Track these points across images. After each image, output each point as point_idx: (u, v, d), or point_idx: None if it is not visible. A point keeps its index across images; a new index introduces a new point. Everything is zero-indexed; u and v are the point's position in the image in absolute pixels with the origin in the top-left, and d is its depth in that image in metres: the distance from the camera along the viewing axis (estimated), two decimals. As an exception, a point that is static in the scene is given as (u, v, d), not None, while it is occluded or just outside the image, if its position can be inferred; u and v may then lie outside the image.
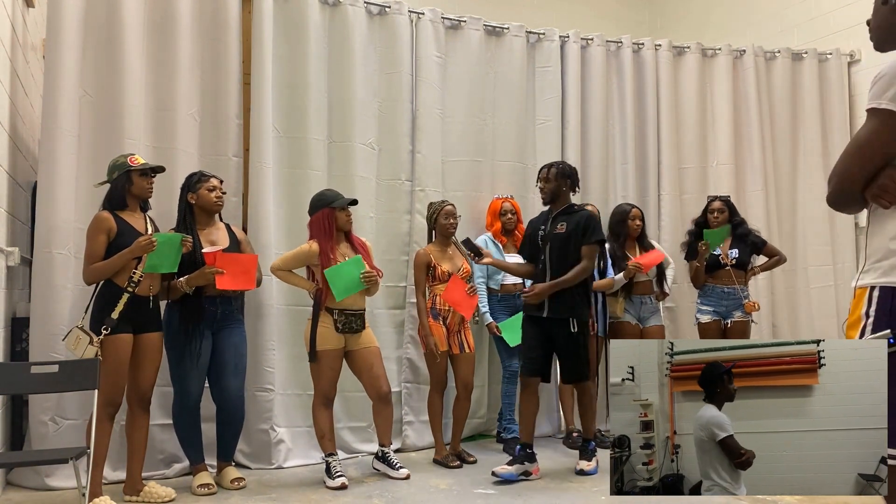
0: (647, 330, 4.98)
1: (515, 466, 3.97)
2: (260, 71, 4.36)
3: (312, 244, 3.93)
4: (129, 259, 3.45)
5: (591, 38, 5.49)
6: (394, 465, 4.03)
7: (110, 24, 4.06)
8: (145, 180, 3.61)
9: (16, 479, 3.82)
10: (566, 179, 4.13)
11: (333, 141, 4.65)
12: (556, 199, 4.17)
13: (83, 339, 3.37)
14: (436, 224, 4.46)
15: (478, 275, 4.70)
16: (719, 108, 5.77)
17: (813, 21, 6.40)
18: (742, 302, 4.87)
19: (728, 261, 4.89)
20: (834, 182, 1.81)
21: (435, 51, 4.97)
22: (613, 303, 4.91)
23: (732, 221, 4.97)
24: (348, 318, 3.95)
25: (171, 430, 3.93)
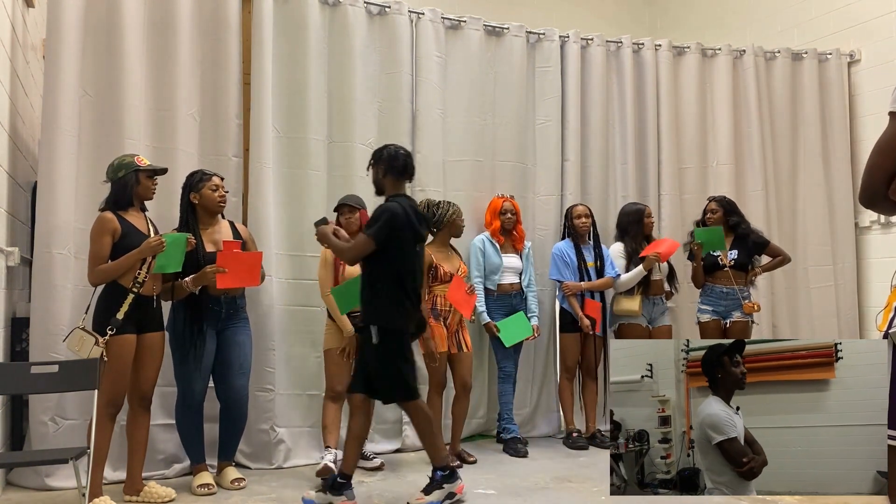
0: (657, 330, 4.98)
1: (435, 493, 3.49)
2: (260, 71, 4.36)
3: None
4: (137, 260, 3.44)
5: (591, 39, 5.49)
6: (367, 457, 4.18)
7: (110, 24, 4.06)
8: (151, 181, 3.61)
9: (16, 479, 3.82)
10: (380, 165, 3.64)
11: (333, 141, 4.65)
12: (381, 189, 3.68)
13: (88, 340, 3.35)
14: (446, 225, 4.45)
15: (475, 275, 4.70)
16: (719, 108, 5.77)
17: (813, 21, 6.40)
18: (741, 303, 4.87)
19: (727, 261, 4.89)
20: (862, 182, 1.88)
21: (435, 51, 4.97)
22: (631, 301, 4.90)
23: (729, 221, 4.97)
24: (352, 319, 4.04)
25: (172, 430, 3.94)
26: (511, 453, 4.58)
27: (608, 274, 4.90)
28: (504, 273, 4.74)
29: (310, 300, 4.42)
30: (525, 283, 4.84)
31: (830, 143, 6.03)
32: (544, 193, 5.26)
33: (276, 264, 4.36)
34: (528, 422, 5.10)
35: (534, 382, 5.15)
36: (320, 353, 4.26)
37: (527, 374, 5.09)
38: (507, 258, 4.77)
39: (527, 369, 5.08)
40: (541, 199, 5.26)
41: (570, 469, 4.24)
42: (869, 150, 1.82)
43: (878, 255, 5.95)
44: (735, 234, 4.97)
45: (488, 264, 4.72)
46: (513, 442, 4.65)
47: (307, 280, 4.41)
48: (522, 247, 4.88)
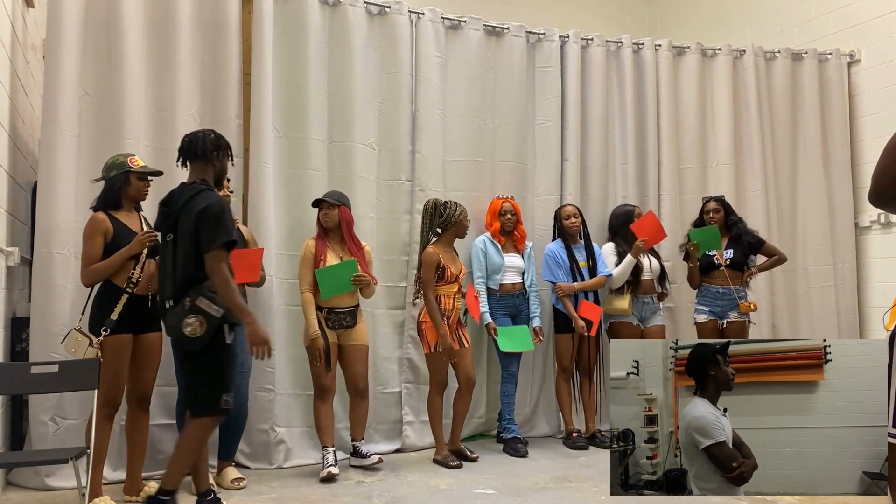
0: (648, 330, 4.99)
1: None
2: (260, 71, 4.35)
3: (308, 241, 4.17)
4: (127, 258, 3.44)
5: (591, 39, 5.48)
6: (366, 455, 4.17)
7: (110, 24, 4.06)
8: (143, 183, 3.60)
9: (16, 479, 3.82)
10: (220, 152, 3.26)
11: (333, 141, 4.64)
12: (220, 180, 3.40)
13: (82, 342, 3.37)
14: (453, 225, 4.45)
15: (477, 275, 4.70)
16: (719, 108, 5.76)
17: (813, 21, 6.40)
18: (738, 302, 4.87)
19: (723, 261, 4.89)
20: (872, 180, 1.87)
21: (435, 51, 4.96)
22: (620, 299, 4.91)
23: (728, 221, 4.98)
24: (337, 315, 4.11)
25: (172, 430, 3.93)
26: (511, 453, 4.57)
27: (601, 273, 4.90)
28: (506, 273, 4.74)
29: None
30: (527, 283, 4.84)
31: (830, 143, 6.02)
32: (544, 193, 5.26)
33: (276, 264, 4.36)
34: (528, 422, 5.09)
35: (533, 382, 5.15)
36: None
37: (527, 374, 5.08)
38: (508, 257, 4.77)
39: (527, 369, 5.07)
40: (541, 199, 5.26)
41: (570, 469, 4.24)
42: (869, 150, 1.82)
43: (878, 255, 5.94)
44: (731, 234, 4.98)
45: (490, 264, 4.72)
46: (513, 442, 4.65)
47: (307, 280, 4.41)
48: (524, 247, 4.89)
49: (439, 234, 4.44)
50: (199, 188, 3.15)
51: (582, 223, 4.99)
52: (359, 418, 4.22)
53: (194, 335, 3.06)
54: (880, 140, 5.40)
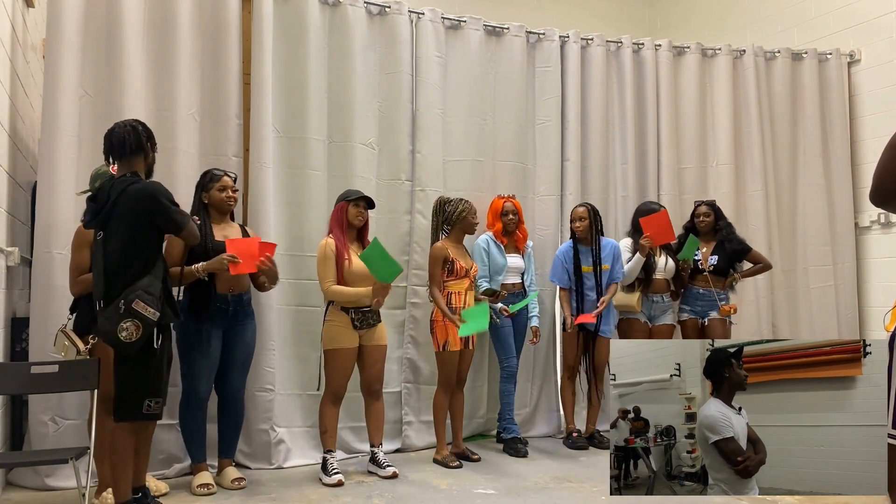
0: (657, 328, 4.99)
1: None
2: (260, 71, 4.36)
3: (328, 240, 4.01)
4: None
5: (591, 38, 5.49)
6: (381, 464, 4.09)
7: (110, 24, 4.06)
8: None
9: (16, 479, 3.82)
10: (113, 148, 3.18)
11: (333, 141, 4.64)
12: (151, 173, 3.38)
13: (70, 348, 3.36)
14: (460, 221, 4.45)
15: (480, 275, 4.70)
16: (719, 108, 5.77)
17: (813, 21, 6.40)
18: (717, 304, 4.98)
19: (706, 266, 5.01)
20: (874, 179, 1.87)
21: (435, 51, 4.97)
22: (629, 296, 4.92)
23: (716, 226, 5.07)
24: (364, 314, 4.01)
25: (172, 430, 3.94)
26: (511, 453, 4.58)
27: (613, 279, 4.85)
28: (507, 273, 4.74)
29: (309, 300, 4.42)
30: (527, 283, 4.84)
31: (830, 143, 6.03)
32: (544, 193, 5.26)
33: (277, 264, 4.35)
34: (528, 422, 5.10)
35: (534, 382, 5.16)
36: (320, 353, 4.23)
37: (527, 373, 5.09)
38: (509, 258, 4.77)
39: (527, 369, 5.08)
40: (541, 199, 5.27)
41: (570, 469, 4.25)
42: (869, 150, 1.82)
43: (878, 255, 5.95)
44: (717, 240, 5.04)
45: (493, 264, 4.71)
46: (513, 442, 4.65)
47: (307, 280, 4.40)
48: (524, 247, 4.88)
49: (448, 232, 4.47)
50: (131, 180, 3.08)
51: (595, 223, 4.88)
52: (376, 422, 4.14)
53: (129, 340, 2.94)
54: (880, 140, 5.41)
